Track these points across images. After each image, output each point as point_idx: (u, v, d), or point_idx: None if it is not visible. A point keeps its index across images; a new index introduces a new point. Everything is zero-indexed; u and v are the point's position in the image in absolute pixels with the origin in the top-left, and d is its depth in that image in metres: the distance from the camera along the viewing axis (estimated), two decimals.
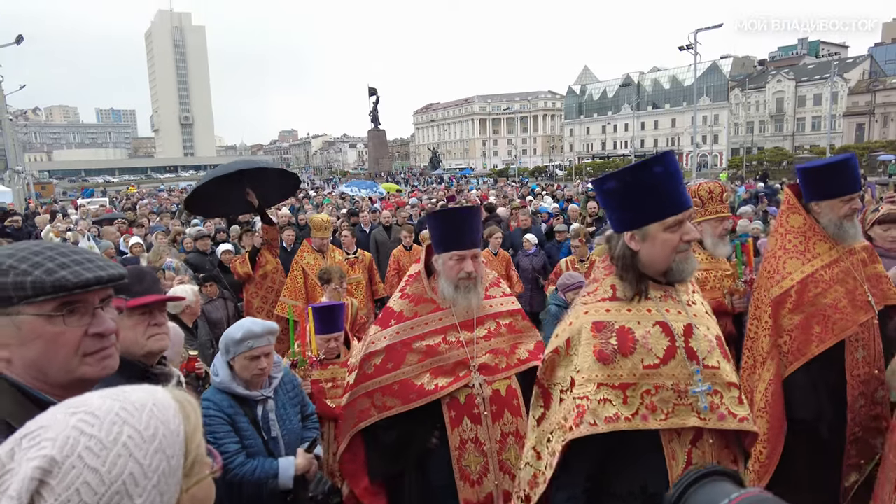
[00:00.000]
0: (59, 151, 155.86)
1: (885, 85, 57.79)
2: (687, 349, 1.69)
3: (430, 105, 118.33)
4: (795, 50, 77.36)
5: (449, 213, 2.62)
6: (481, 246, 2.65)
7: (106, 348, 1.16)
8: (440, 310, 2.53)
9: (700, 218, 3.24)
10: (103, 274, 1.12)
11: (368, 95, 62.01)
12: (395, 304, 2.61)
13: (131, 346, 1.74)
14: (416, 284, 2.61)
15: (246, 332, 2.47)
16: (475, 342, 2.50)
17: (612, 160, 67.03)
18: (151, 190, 46.38)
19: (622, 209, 1.73)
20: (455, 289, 2.45)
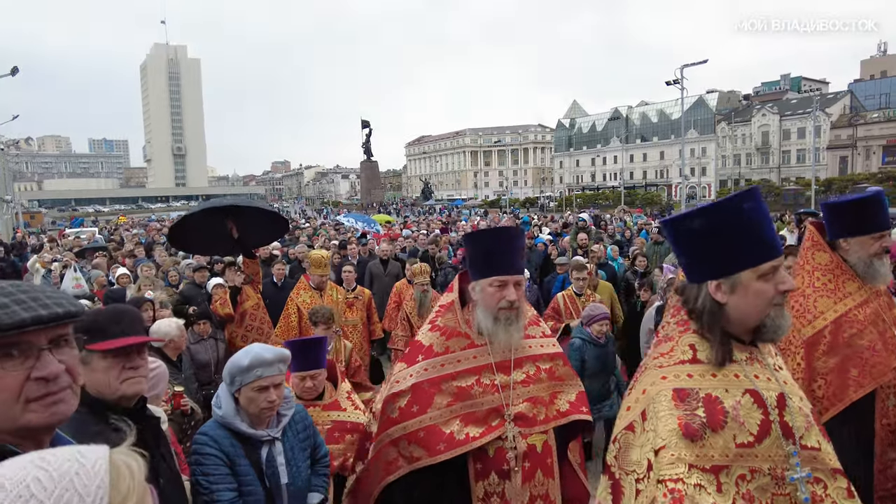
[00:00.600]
0: (50, 181, 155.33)
1: (866, 119, 59.30)
2: (782, 424, 1.42)
3: (422, 137, 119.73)
4: (778, 85, 79.47)
5: (489, 233, 2.31)
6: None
7: (53, 393, 1.05)
8: (475, 346, 2.20)
9: None
10: (44, 313, 1.01)
11: (361, 127, 62.68)
12: (425, 336, 2.29)
13: (103, 389, 1.65)
14: (449, 315, 2.29)
15: (254, 358, 2.18)
16: (511, 387, 2.17)
17: (602, 192, 67.83)
18: (142, 220, 46.17)
19: (706, 254, 1.47)
20: (494, 321, 2.13)
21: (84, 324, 1.63)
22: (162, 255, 9.66)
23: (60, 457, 0.72)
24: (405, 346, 5.68)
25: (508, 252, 2.17)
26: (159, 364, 2.76)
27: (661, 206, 46.32)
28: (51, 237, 21.18)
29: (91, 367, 1.64)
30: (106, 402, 1.64)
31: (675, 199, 51.75)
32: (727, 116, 70.02)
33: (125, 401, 1.69)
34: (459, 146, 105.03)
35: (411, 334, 5.78)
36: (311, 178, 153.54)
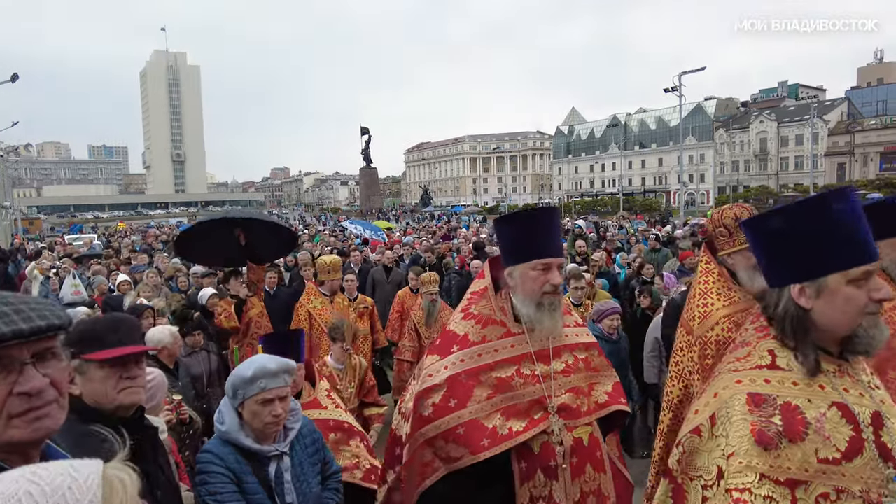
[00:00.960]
0: (49, 187, 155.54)
1: (863, 126, 59.59)
2: (879, 445, 1.29)
3: (421, 144, 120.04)
4: (776, 92, 79.83)
5: (529, 215, 2.14)
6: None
7: (37, 408, 1.02)
8: (512, 335, 2.07)
9: (729, 249, 2.86)
10: (24, 327, 0.98)
11: (361, 134, 62.91)
12: (458, 326, 2.14)
13: (101, 399, 1.64)
14: (483, 303, 2.15)
15: (258, 369, 2.06)
16: (552, 377, 2.05)
17: (601, 198, 67.94)
18: (140, 226, 46.15)
19: (789, 256, 1.38)
20: (538, 307, 2.00)
21: (80, 333, 1.64)
22: (164, 262, 9.65)
23: (53, 471, 0.72)
24: (413, 356, 5.61)
25: (550, 233, 2.05)
26: (157, 373, 2.73)
27: (660, 212, 46.39)
28: (51, 243, 21.15)
29: (88, 376, 1.63)
30: (102, 412, 1.62)
31: (674, 206, 51.85)
32: (725, 123, 70.30)
33: (122, 410, 1.67)
34: (458, 153, 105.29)
35: (419, 345, 5.66)
36: (310, 184, 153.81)
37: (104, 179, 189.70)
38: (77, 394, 1.59)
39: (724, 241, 2.81)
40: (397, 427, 2.36)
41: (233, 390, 2.10)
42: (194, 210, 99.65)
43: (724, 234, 2.81)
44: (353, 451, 2.98)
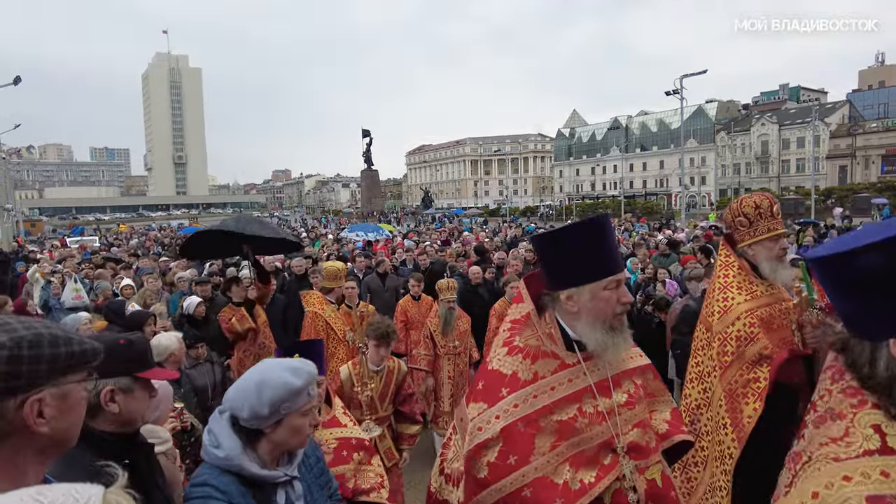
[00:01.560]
0: (51, 189, 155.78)
1: (865, 129, 59.51)
2: None
3: (422, 146, 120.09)
4: (777, 95, 79.82)
5: (593, 227, 1.79)
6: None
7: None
8: (567, 366, 1.79)
9: (750, 240, 2.68)
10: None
11: (362, 137, 62.93)
12: (502, 363, 1.83)
13: (137, 419, 1.71)
14: (528, 332, 1.86)
15: (308, 374, 1.75)
16: (616, 412, 1.79)
17: (602, 200, 67.90)
18: (142, 228, 46.17)
19: (888, 303, 1.06)
20: (610, 331, 1.76)
21: (137, 352, 1.71)
22: (180, 266, 9.55)
23: (57, 491, 0.75)
24: (428, 365, 5.47)
25: (614, 244, 1.83)
26: (161, 383, 2.70)
27: (661, 215, 46.34)
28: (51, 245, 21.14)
29: (133, 395, 1.67)
30: (97, 433, 1.61)
31: (675, 208, 51.80)
32: (726, 126, 70.26)
33: (129, 428, 1.69)
34: (460, 155, 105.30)
35: (435, 353, 5.52)
36: (311, 186, 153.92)
37: (106, 181, 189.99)
38: (115, 412, 1.63)
39: (743, 232, 2.67)
40: (440, 490, 2.00)
41: (273, 406, 1.67)
42: (195, 212, 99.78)
43: (745, 224, 2.67)
44: (376, 469, 2.79)
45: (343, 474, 2.58)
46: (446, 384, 5.54)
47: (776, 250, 2.67)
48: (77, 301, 6.87)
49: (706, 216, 37.33)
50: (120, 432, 1.66)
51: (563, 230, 1.85)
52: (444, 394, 5.54)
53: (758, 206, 2.68)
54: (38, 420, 0.99)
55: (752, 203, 2.69)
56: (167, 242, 21.14)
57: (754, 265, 2.67)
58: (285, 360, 1.84)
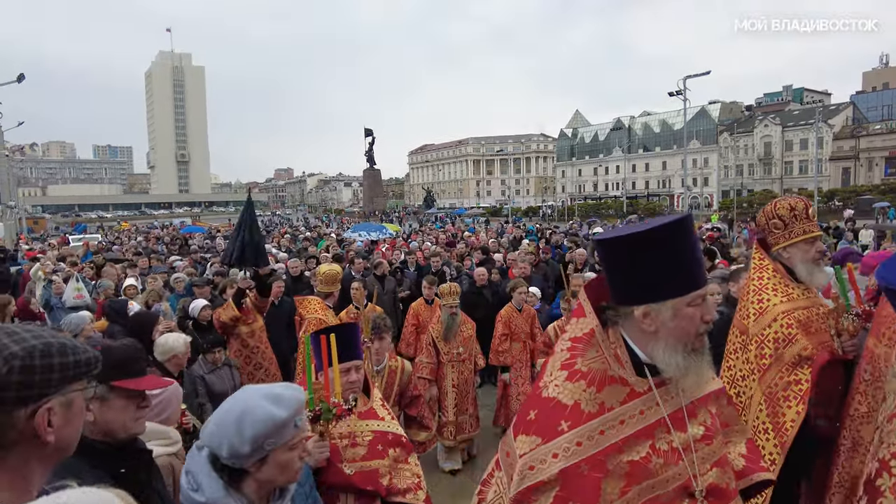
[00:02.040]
0: (54, 186, 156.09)
1: (868, 131, 59.35)
2: None
3: (425, 146, 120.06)
4: (781, 96, 79.70)
5: (677, 229, 1.50)
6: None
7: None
8: (637, 395, 1.54)
9: (785, 242, 2.62)
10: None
11: (364, 136, 63.00)
12: (562, 390, 1.55)
13: (118, 429, 1.63)
14: (592, 353, 1.58)
15: (294, 402, 1.55)
16: (692, 447, 1.55)
17: (605, 201, 67.84)
18: (144, 226, 46.21)
19: None
20: (692, 353, 1.52)
21: (114, 360, 1.62)
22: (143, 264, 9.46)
23: (73, 495, 0.80)
24: (431, 374, 5.26)
25: (699, 252, 1.55)
26: (171, 384, 2.61)
27: (664, 216, 46.26)
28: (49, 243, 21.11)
29: (109, 404, 1.61)
30: (91, 443, 1.59)
31: (678, 209, 51.73)
32: (729, 127, 70.12)
33: (110, 437, 1.65)
34: (462, 155, 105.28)
35: (438, 360, 5.33)
36: (313, 185, 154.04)
37: (108, 179, 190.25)
38: (90, 420, 1.57)
39: (778, 235, 2.63)
40: None
41: (255, 442, 1.47)
42: (198, 210, 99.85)
43: (779, 227, 2.62)
44: (413, 469, 2.62)
45: (377, 469, 2.45)
46: (450, 393, 5.35)
47: (812, 253, 2.61)
48: (78, 300, 6.85)
49: (709, 217, 37.28)
50: (116, 441, 1.63)
51: (642, 233, 1.53)
52: (448, 403, 5.35)
53: (793, 207, 2.62)
54: (47, 429, 1.00)
55: (787, 205, 2.63)
56: (169, 241, 21.08)
57: (789, 268, 2.62)
58: (267, 387, 1.60)
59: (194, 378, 4.43)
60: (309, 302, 5.25)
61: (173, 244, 19.19)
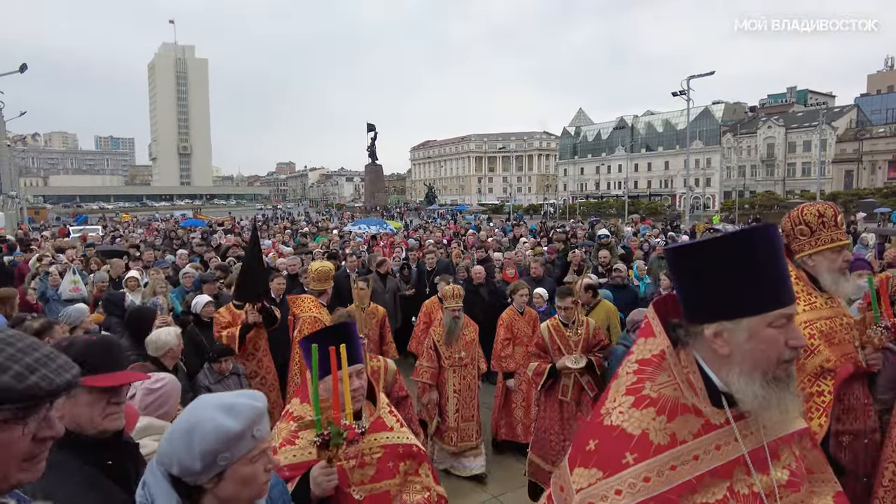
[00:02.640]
0: (56, 177, 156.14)
1: (872, 134, 59.21)
2: None
3: (427, 142, 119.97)
4: (785, 98, 79.47)
5: (750, 238, 1.32)
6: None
7: (45, 451, 1.06)
8: (713, 427, 1.34)
9: (810, 250, 2.53)
10: (70, 378, 1.04)
11: (367, 131, 62.87)
12: (626, 418, 1.36)
13: (84, 423, 1.59)
14: (663, 378, 1.39)
15: (250, 411, 1.41)
16: (776, 494, 1.35)
17: (606, 200, 67.76)
18: (145, 218, 46.20)
19: None
20: (774, 383, 1.31)
21: (74, 355, 1.57)
22: (149, 257, 9.43)
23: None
24: (432, 378, 5.13)
25: (783, 266, 1.35)
26: (168, 378, 2.54)
27: (665, 215, 46.19)
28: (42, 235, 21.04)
29: (75, 400, 1.57)
30: (77, 436, 1.57)
31: (680, 210, 51.66)
32: (733, 128, 69.98)
33: (102, 434, 1.62)
34: (464, 151, 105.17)
35: (439, 365, 5.17)
36: (315, 179, 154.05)
37: (110, 170, 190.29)
38: (58, 416, 1.54)
39: (804, 242, 2.55)
40: None
41: (206, 458, 1.34)
42: (199, 203, 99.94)
43: (805, 234, 2.54)
44: (423, 481, 2.41)
45: (388, 491, 2.23)
46: (452, 398, 5.19)
47: (839, 262, 2.51)
48: (75, 293, 6.82)
49: (710, 218, 37.21)
50: (104, 435, 1.62)
51: (716, 241, 1.34)
52: (449, 408, 5.20)
53: (821, 214, 2.51)
54: None
55: (815, 211, 2.52)
56: (167, 235, 20.92)
57: (813, 277, 2.53)
58: (219, 396, 1.45)
59: (199, 389, 4.20)
60: (302, 301, 5.05)
61: (167, 240, 18.59)
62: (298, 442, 2.15)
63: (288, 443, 2.17)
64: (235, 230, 22.55)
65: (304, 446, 2.13)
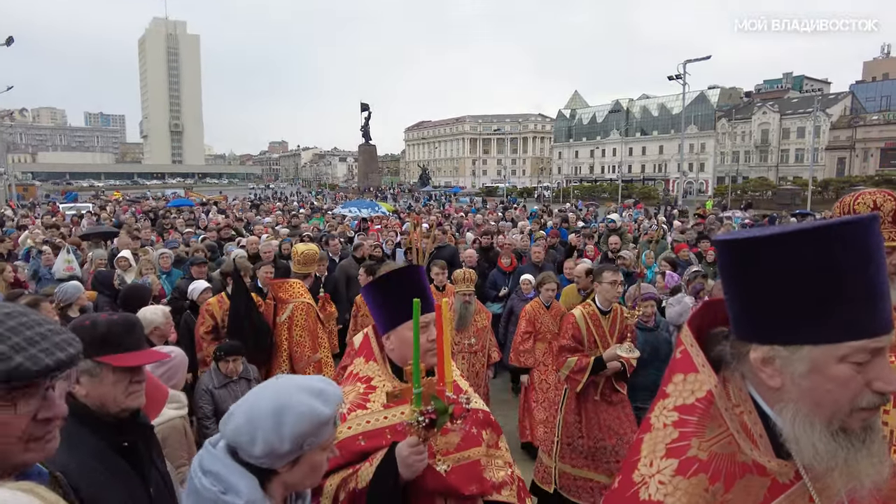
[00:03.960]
0: (45, 153, 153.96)
1: (866, 121, 59.29)
2: None
3: (421, 123, 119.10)
4: (780, 83, 79.24)
5: (838, 231, 0.94)
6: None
7: (51, 431, 1.05)
8: (781, 488, 1.01)
9: None
10: (63, 356, 1.01)
11: (361, 111, 62.41)
12: (669, 491, 1.01)
13: (108, 402, 1.61)
14: (714, 431, 1.04)
15: (335, 396, 1.40)
16: None
17: (600, 184, 67.73)
18: (136, 196, 45.71)
19: None
20: (840, 436, 0.97)
21: (100, 335, 1.61)
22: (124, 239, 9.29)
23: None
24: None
25: (882, 282, 0.96)
26: (177, 352, 2.69)
27: (657, 200, 46.31)
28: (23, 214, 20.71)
29: (100, 379, 1.59)
30: (98, 415, 1.59)
31: (672, 194, 51.79)
32: (728, 113, 69.88)
33: (123, 412, 1.65)
34: (458, 133, 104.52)
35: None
36: (308, 159, 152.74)
37: (100, 148, 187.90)
38: (83, 394, 1.57)
39: None
40: None
41: (296, 441, 1.31)
42: (191, 181, 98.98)
43: None
44: (504, 456, 2.07)
45: (477, 461, 1.91)
46: None
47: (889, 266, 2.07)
48: (68, 273, 6.82)
49: (704, 203, 37.35)
50: (121, 415, 1.64)
51: (792, 233, 0.96)
52: None
53: (878, 206, 1.99)
54: None
55: (870, 202, 2.02)
56: (154, 216, 20.27)
57: None
58: (304, 380, 1.42)
59: (202, 393, 3.96)
60: (290, 285, 4.78)
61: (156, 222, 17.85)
62: (370, 405, 1.84)
63: (358, 406, 1.83)
64: (229, 210, 22.32)
65: (377, 409, 1.82)
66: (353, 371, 1.98)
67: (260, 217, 17.21)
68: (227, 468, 1.29)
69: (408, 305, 1.61)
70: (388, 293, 1.88)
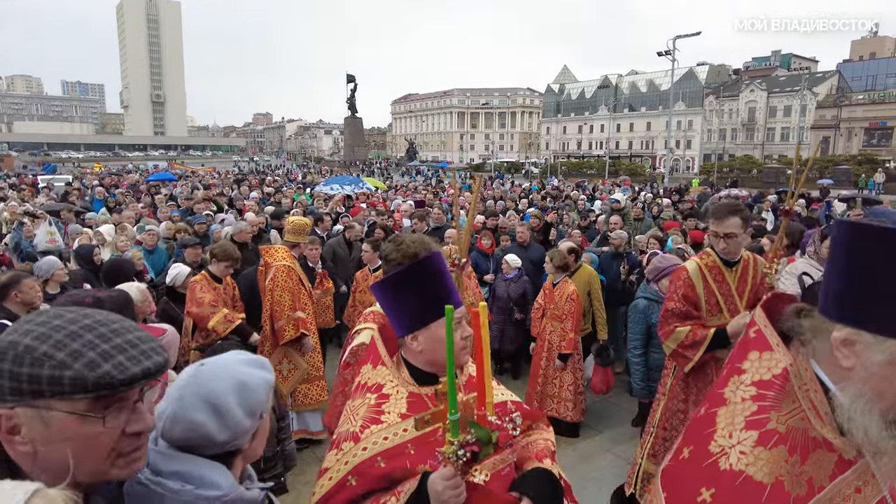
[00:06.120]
0: (21, 123, 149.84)
1: (851, 101, 59.68)
2: None
3: (408, 95, 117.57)
4: (769, 61, 79.24)
5: None
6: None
7: (140, 448, 1.01)
8: (846, 464, 1.06)
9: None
10: (150, 365, 0.96)
11: (346, 82, 61.45)
12: (750, 461, 1.08)
13: None
14: (791, 407, 1.11)
15: (268, 386, 1.35)
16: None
17: (587, 160, 67.74)
18: (119, 168, 44.79)
19: None
20: (893, 428, 1.03)
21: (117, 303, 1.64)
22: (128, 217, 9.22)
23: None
24: None
25: None
26: (168, 329, 2.66)
27: (644, 177, 46.47)
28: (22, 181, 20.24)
29: None
30: None
31: (659, 171, 51.98)
32: (716, 90, 69.87)
33: None
34: (446, 106, 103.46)
35: None
36: (293, 132, 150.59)
37: (79, 118, 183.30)
38: None
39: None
40: None
41: (254, 413, 1.28)
42: (174, 153, 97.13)
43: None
44: (545, 434, 1.91)
45: (512, 464, 1.78)
46: None
47: None
48: (51, 245, 6.72)
49: (691, 181, 37.56)
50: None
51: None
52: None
53: None
54: (10, 437, 0.91)
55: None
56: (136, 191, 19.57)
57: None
58: (234, 355, 1.35)
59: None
60: (276, 250, 4.86)
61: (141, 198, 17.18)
62: (385, 417, 1.60)
63: (372, 422, 1.59)
64: (213, 185, 21.82)
65: (394, 421, 1.58)
66: (361, 382, 1.76)
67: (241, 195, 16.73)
68: (193, 464, 1.21)
69: (437, 299, 1.49)
70: (413, 288, 1.59)
